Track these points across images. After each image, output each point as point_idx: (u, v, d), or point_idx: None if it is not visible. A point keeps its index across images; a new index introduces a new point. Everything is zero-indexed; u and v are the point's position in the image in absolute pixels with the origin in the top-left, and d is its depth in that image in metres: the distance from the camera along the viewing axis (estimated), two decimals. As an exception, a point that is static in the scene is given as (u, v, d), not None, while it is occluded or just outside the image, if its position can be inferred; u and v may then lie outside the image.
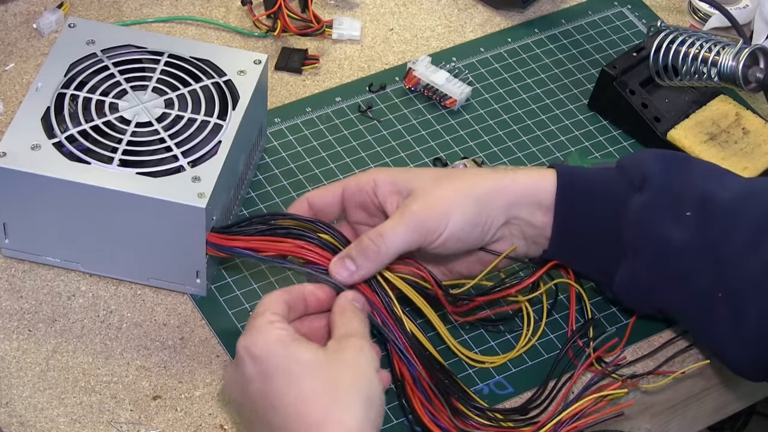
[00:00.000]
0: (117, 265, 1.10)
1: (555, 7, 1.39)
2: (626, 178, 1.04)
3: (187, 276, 1.09)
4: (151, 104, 1.11)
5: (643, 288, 1.04)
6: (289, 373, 0.92)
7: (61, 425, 1.02)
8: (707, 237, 1.00)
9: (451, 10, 1.38)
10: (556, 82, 1.32)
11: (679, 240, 1.01)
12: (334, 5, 1.37)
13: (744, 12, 1.34)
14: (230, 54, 1.16)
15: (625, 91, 1.25)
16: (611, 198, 1.04)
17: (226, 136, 1.09)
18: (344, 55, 1.32)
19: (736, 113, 1.24)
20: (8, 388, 1.04)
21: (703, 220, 1.01)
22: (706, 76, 1.21)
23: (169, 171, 1.06)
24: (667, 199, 1.02)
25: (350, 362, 0.93)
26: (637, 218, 1.02)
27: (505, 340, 1.10)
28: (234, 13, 1.34)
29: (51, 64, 1.13)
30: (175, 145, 1.08)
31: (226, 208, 1.10)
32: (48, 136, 1.07)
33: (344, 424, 0.90)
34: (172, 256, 1.08)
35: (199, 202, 1.03)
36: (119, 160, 1.06)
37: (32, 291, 1.10)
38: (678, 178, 1.03)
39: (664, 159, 1.05)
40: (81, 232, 1.08)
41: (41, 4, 1.33)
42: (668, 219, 1.02)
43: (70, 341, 1.07)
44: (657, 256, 1.02)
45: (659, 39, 1.23)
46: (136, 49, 1.15)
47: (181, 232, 1.05)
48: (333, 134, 1.25)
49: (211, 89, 1.12)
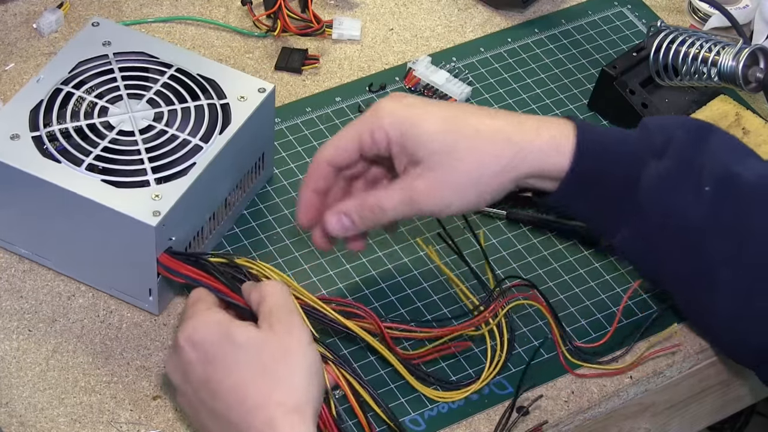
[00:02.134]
0: (79, 269, 1.10)
1: (555, 7, 1.39)
2: (648, 140, 1.03)
3: (140, 292, 1.08)
4: (140, 114, 1.10)
5: (645, 250, 1.03)
6: (226, 359, 0.94)
7: (61, 425, 1.02)
8: (723, 215, 1.00)
9: (451, 10, 1.38)
10: (556, 82, 1.32)
11: (693, 213, 1.00)
12: (334, 5, 1.37)
13: (744, 12, 1.34)
14: (238, 78, 1.13)
15: (625, 91, 1.25)
16: (629, 161, 1.02)
17: (203, 158, 1.07)
18: (344, 55, 1.32)
19: (736, 113, 1.24)
20: (8, 388, 1.04)
21: (720, 197, 1.00)
22: (706, 76, 1.21)
23: (133, 183, 1.05)
24: (687, 170, 1.01)
25: (282, 339, 0.94)
26: (652, 185, 1.01)
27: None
28: (234, 13, 1.34)
29: (60, 58, 1.13)
30: (148, 158, 1.06)
31: (195, 232, 1.09)
32: (30, 128, 1.07)
33: (284, 404, 0.91)
34: (125, 269, 1.07)
35: (152, 219, 1.02)
36: (88, 164, 1.05)
37: (32, 291, 1.10)
38: (701, 150, 1.02)
39: (690, 128, 1.03)
40: (47, 229, 1.08)
41: (41, 4, 1.33)
42: (684, 191, 1.01)
43: (70, 341, 1.07)
44: (666, 225, 1.01)
45: (659, 39, 1.23)
46: (147, 58, 1.14)
47: (133, 247, 1.04)
48: (333, 134, 1.24)
49: (205, 110, 1.10)
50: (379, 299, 1.11)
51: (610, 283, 1.15)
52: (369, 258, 1.14)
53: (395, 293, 1.12)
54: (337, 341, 1.07)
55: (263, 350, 0.94)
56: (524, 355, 1.08)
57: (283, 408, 0.91)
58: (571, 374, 1.07)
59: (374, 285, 1.13)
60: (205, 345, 0.95)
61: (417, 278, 1.13)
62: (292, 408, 0.92)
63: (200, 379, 0.95)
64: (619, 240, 1.04)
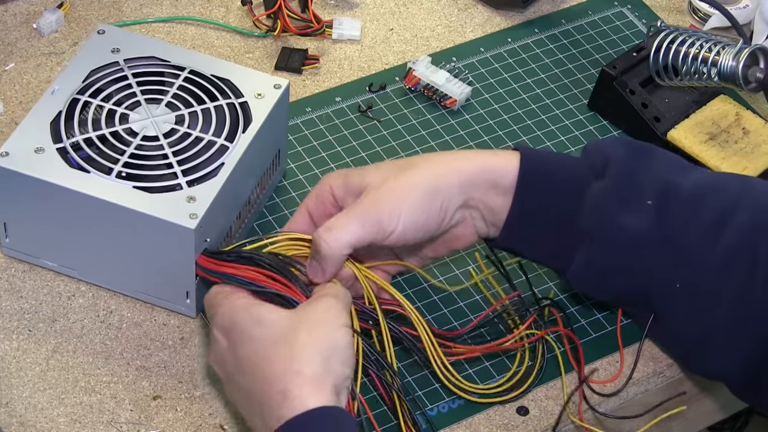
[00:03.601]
0: (110, 277, 1.10)
1: (555, 7, 1.39)
2: (589, 162, 1.03)
3: (177, 295, 1.08)
4: (161, 119, 1.10)
5: (598, 275, 1.03)
6: (252, 336, 0.94)
7: (61, 425, 1.02)
8: (666, 226, 1.00)
9: (451, 10, 1.38)
10: (556, 82, 1.32)
11: (637, 228, 1.00)
12: (334, 5, 1.37)
13: (744, 12, 1.34)
14: (252, 76, 1.14)
15: (625, 91, 1.25)
16: (572, 181, 1.03)
17: (231, 158, 1.07)
18: (344, 55, 1.32)
19: (736, 113, 1.24)
20: (8, 388, 1.04)
21: (662, 209, 1.00)
22: (706, 76, 1.21)
23: (165, 188, 1.05)
24: (628, 186, 1.01)
25: (311, 318, 0.94)
26: (595, 204, 1.01)
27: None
28: (234, 13, 1.34)
29: (72, 68, 1.12)
30: (177, 162, 1.07)
31: (225, 232, 1.09)
32: (54, 140, 1.07)
33: (302, 373, 0.91)
34: (162, 274, 1.07)
35: (190, 222, 1.02)
36: (118, 172, 1.05)
37: (32, 291, 1.10)
38: (641, 166, 1.02)
39: (629, 146, 1.04)
40: (76, 240, 1.07)
41: (41, 4, 1.33)
42: (627, 206, 1.01)
43: (70, 341, 1.07)
44: (613, 243, 1.01)
45: (659, 39, 1.23)
46: (159, 62, 1.14)
47: (170, 251, 1.04)
48: (333, 134, 1.25)
49: (225, 110, 1.11)
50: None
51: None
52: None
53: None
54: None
55: (288, 328, 0.93)
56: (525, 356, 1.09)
57: (301, 378, 0.90)
58: (571, 373, 1.07)
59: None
60: (234, 329, 0.95)
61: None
62: (310, 378, 0.90)
63: (233, 363, 0.95)
64: (573, 270, 1.03)
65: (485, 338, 1.06)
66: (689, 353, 1.03)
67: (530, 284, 1.10)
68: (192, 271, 1.04)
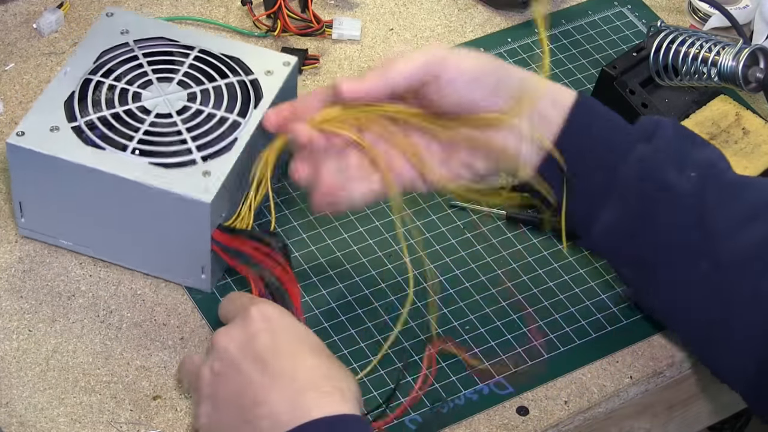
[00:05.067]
0: (126, 254, 1.11)
1: (555, 7, 1.39)
2: (640, 128, 1.04)
3: (192, 270, 1.09)
4: (173, 96, 1.11)
5: (627, 230, 1.02)
6: (298, 333, 0.96)
7: (61, 425, 1.02)
8: (703, 201, 1.00)
9: (451, 10, 1.38)
10: (556, 82, 1.32)
11: (680, 189, 1.00)
12: (334, 5, 1.37)
13: (744, 12, 1.34)
14: (261, 54, 1.16)
15: (625, 91, 1.25)
16: (622, 129, 1.03)
17: (243, 133, 1.09)
18: (344, 55, 1.32)
19: (736, 113, 1.24)
20: (8, 388, 1.04)
21: (703, 184, 1.00)
22: (706, 76, 1.21)
23: (181, 164, 1.07)
24: (675, 153, 1.02)
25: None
26: (640, 157, 1.02)
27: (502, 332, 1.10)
28: (234, 13, 1.34)
29: (82, 49, 1.14)
30: (191, 138, 1.08)
31: (236, 209, 1.10)
32: (68, 119, 1.08)
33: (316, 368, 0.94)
34: (178, 248, 1.08)
35: (206, 196, 1.04)
36: (134, 149, 1.07)
37: (32, 291, 1.10)
38: (691, 142, 1.03)
39: (681, 128, 1.05)
40: (92, 217, 1.09)
41: (41, 4, 1.33)
42: (672, 167, 1.01)
43: (70, 341, 1.07)
44: (651, 197, 1.01)
45: (659, 39, 1.23)
46: (168, 42, 1.16)
47: (186, 226, 1.06)
48: (333, 134, 1.25)
49: (236, 87, 1.13)
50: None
51: (610, 284, 1.15)
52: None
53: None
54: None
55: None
56: (525, 356, 1.09)
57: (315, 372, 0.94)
58: (571, 373, 1.08)
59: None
60: (276, 319, 0.97)
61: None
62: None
63: (266, 346, 0.96)
64: (600, 225, 1.03)
65: None
66: (700, 338, 1.03)
67: None
68: (208, 246, 1.06)
